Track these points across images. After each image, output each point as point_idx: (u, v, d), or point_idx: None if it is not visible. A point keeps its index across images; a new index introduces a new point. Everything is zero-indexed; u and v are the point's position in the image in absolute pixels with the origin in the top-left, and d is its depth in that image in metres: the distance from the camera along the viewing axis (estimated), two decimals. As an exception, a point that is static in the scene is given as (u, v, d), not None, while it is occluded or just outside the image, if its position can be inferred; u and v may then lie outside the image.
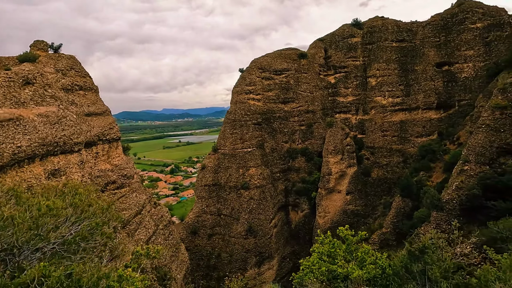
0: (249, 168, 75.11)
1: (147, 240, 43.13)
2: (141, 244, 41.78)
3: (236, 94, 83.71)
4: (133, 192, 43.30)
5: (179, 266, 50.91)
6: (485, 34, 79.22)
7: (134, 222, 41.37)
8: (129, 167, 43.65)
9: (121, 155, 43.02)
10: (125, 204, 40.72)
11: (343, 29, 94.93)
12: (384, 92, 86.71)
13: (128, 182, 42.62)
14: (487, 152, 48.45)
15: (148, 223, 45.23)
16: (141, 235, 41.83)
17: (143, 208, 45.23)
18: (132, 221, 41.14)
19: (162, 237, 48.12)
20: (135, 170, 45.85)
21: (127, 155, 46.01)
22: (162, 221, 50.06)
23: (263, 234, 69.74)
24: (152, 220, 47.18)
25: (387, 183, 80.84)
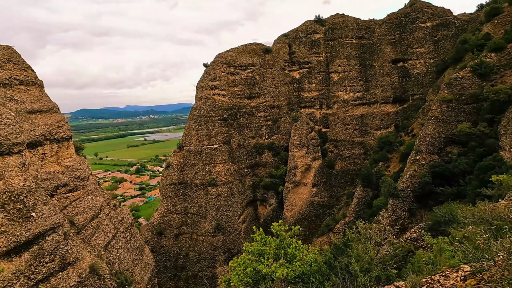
0: (216, 165, 74.10)
1: (106, 245, 40.69)
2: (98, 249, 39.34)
3: (200, 89, 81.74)
4: (88, 195, 40.43)
5: (143, 269, 48.89)
6: (434, 33, 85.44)
7: (90, 227, 38.72)
8: (83, 168, 40.61)
9: (73, 155, 39.81)
10: (79, 208, 37.90)
11: (306, 25, 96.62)
12: (346, 87, 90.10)
13: (82, 184, 39.66)
14: (436, 142, 52.45)
15: (107, 227, 42.65)
16: (98, 240, 39.28)
17: (100, 211, 42.47)
18: (88, 225, 38.48)
19: (123, 241, 45.74)
20: (90, 171, 42.79)
21: (81, 156, 42.75)
22: (123, 223, 47.53)
23: (232, 231, 69.44)
24: (112, 224, 44.58)
25: (350, 174, 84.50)
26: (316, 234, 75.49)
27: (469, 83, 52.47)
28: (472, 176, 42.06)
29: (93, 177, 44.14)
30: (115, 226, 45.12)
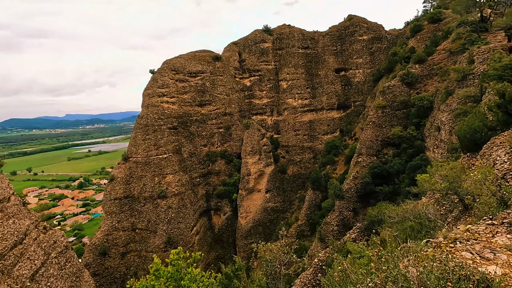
0: (166, 176, 70.69)
1: (33, 274, 35.72)
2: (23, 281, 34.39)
3: (147, 97, 77.76)
4: (8, 219, 35.17)
5: (81, 296, 43.99)
6: (370, 45, 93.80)
7: (11, 255, 33.60)
8: (1, 188, 35.29)
9: (-12, 174, 34.38)
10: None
11: (255, 34, 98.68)
12: (294, 95, 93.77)
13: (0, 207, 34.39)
14: (374, 145, 57.03)
15: (34, 253, 37.53)
16: (23, 270, 34.28)
17: (25, 236, 37.27)
18: (9, 254, 33.34)
19: (56, 267, 40.69)
20: (11, 191, 37.34)
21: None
22: (55, 248, 42.34)
23: (184, 244, 66.44)
24: (41, 249, 39.39)
25: (301, 178, 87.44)
26: (271, 239, 76.14)
27: (399, 91, 58.39)
28: (405, 175, 46.46)
29: (15, 197, 38.62)
30: (45, 252, 39.95)
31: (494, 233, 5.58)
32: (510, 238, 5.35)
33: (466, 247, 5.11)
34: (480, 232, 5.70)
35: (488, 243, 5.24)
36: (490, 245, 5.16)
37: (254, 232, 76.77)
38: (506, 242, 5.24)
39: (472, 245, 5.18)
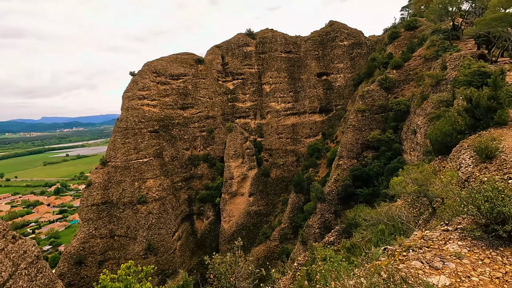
0: (146, 180, 68.95)
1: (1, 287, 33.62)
2: (-13, 295, 32.31)
3: (127, 99, 75.81)
4: (-28, 228, 33.07)
5: (54, 309, 41.84)
6: (350, 51, 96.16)
7: (-25, 268, 31.51)
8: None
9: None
10: (-42, 246, 30.58)
11: (238, 37, 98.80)
12: (277, 98, 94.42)
13: (-37, 216, 32.19)
14: (355, 148, 58.18)
15: (1, 265, 35.37)
16: (-12, 283, 32.21)
17: (-9, 246, 35.13)
18: (-29, 267, 31.25)
19: (26, 279, 38.55)
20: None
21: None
22: (25, 258, 40.13)
23: (165, 250, 64.89)
24: (9, 260, 37.22)
25: (284, 181, 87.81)
26: (254, 243, 75.85)
27: (378, 95, 60.02)
28: (383, 177, 47.58)
29: (-19, 205, 36.32)
30: (13, 263, 37.78)
31: (447, 240, 5.67)
32: (461, 245, 5.44)
33: (418, 256, 5.15)
34: (434, 238, 5.77)
35: (439, 251, 5.30)
36: (441, 253, 5.22)
37: (238, 236, 75.52)
38: (457, 249, 5.31)
39: (424, 253, 5.23)
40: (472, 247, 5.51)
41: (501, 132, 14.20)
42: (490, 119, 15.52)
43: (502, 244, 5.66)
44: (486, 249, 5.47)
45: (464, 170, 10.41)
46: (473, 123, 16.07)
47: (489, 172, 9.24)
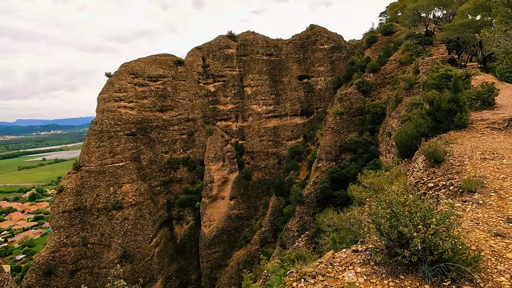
0: (122, 185, 66.59)
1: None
2: None
3: (103, 101, 73.22)
4: None
5: (15, 325, 39.11)
6: (331, 54, 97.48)
7: None
8: None
9: None
10: None
11: (219, 39, 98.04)
12: (259, 101, 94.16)
13: None
14: (333, 150, 58.55)
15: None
16: None
17: None
18: None
19: (-17, 293, 35.83)
20: None
21: None
22: (-17, 270, 37.37)
23: (142, 257, 62.70)
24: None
25: (266, 184, 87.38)
26: (235, 247, 74.78)
27: (356, 98, 60.83)
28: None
29: None
30: (-31, 276, 35.03)
31: (348, 265, 5.07)
32: (359, 273, 4.85)
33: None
34: (336, 263, 5.17)
35: (333, 281, 4.72)
36: (334, 284, 4.63)
37: (218, 241, 74.81)
38: (352, 279, 4.72)
39: (315, 284, 4.61)
40: (370, 275, 4.88)
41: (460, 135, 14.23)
42: (450, 121, 15.59)
43: (404, 271, 5.03)
44: (385, 278, 4.83)
45: (415, 174, 10.17)
46: (435, 125, 16.09)
47: (436, 177, 8.99)
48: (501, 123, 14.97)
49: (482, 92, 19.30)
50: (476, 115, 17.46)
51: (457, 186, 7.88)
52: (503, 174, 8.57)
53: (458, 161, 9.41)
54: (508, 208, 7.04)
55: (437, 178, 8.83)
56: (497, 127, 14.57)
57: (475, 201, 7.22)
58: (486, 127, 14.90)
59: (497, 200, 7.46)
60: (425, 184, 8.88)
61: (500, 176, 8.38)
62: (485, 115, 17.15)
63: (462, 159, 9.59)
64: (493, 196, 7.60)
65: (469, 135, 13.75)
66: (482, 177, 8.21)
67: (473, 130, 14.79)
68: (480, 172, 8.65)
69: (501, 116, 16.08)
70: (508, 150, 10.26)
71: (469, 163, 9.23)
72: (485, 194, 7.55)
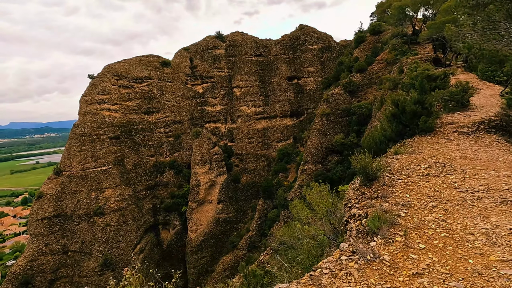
0: (105, 190, 64.66)
1: None
2: None
3: (85, 104, 71.27)
4: None
5: None
6: (320, 55, 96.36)
7: None
8: None
9: None
10: None
11: (207, 40, 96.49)
12: (248, 102, 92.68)
13: None
14: (320, 152, 57.21)
15: None
16: None
17: None
18: None
19: None
20: None
21: None
22: None
23: (124, 265, 60.64)
24: None
25: (255, 187, 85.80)
26: (223, 252, 73.07)
27: (342, 99, 59.60)
28: (345, 182, 46.62)
29: None
30: None
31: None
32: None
33: None
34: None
35: None
36: None
37: (206, 246, 73.06)
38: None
39: None
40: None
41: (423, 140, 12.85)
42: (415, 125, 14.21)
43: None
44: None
45: (348, 193, 8.69)
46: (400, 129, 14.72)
47: (363, 200, 7.48)
48: (470, 126, 13.64)
49: (455, 92, 18.00)
50: (448, 118, 16.12)
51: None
52: (436, 201, 7.03)
53: (391, 180, 7.96)
54: (403, 269, 5.18)
55: (363, 201, 7.32)
56: (465, 131, 13.23)
57: (363, 255, 5.34)
58: (454, 131, 13.55)
59: (398, 252, 5.63)
60: (351, 208, 7.41)
61: (429, 204, 6.83)
62: (457, 117, 15.81)
63: (398, 177, 8.13)
64: (396, 243, 5.84)
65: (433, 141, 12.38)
66: (405, 205, 6.63)
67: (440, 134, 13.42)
68: (408, 196, 7.10)
69: (472, 119, 14.74)
70: (465, 161, 8.89)
71: (403, 183, 7.74)
72: (387, 238, 5.92)
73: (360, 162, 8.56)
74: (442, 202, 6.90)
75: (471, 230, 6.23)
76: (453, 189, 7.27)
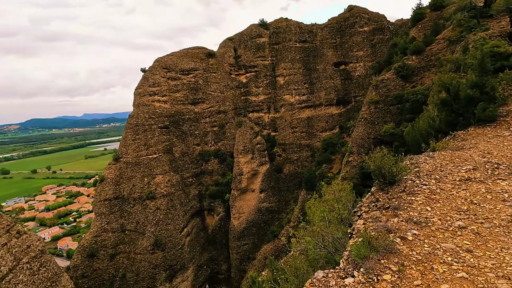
0: (155, 176, 69.68)
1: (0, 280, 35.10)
2: (-17, 288, 33.68)
3: (138, 96, 76.86)
4: (-29, 224, 34.69)
5: (56, 301, 43.38)
6: (371, 37, 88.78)
7: (-28, 262, 33.03)
8: (-36, 194, 34.77)
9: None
10: (-45, 241, 32.16)
11: (251, 29, 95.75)
12: (292, 91, 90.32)
13: (-38, 213, 33.89)
14: (366, 143, 53.26)
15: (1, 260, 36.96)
16: (-15, 277, 33.68)
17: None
18: (-31, 261, 32.77)
19: (27, 272, 40.11)
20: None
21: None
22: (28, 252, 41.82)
23: (173, 246, 65.36)
24: (11, 254, 38.85)
25: (298, 177, 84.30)
26: (265, 240, 73.90)
27: (394, 84, 54.13)
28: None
29: (-17, 202, 38.12)
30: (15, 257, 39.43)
31: None
32: None
33: None
34: None
35: None
36: None
37: (248, 233, 74.70)
38: None
39: None
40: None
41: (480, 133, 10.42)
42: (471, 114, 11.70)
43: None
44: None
45: (364, 199, 7.09)
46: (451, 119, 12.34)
47: (373, 209, 5.85)
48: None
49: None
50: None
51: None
52: (467, 219, 5.04)
53: (414, 185, 6.25)
54: None
55: (373, 211, 5.76)
56: (539, 122, 10.43)
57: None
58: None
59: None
60: (359, 218, 5.99)
61: (455, 224, 4.94)
62: (531, 104, 12.65)
63: (425, 181, 6.32)
64: (382, 284, 4.09)
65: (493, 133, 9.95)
66: (419, 222, 4.80)
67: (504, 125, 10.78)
68: (429, 210, 5.26)
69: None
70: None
71: (428, 190, 5.88)
72: (372, 275, 4.19)
73: (375, 162, 7.11)
74: (475, 221, 4.96)
75: (507, 272, 4.04)
76: (500, 201, 5.24)
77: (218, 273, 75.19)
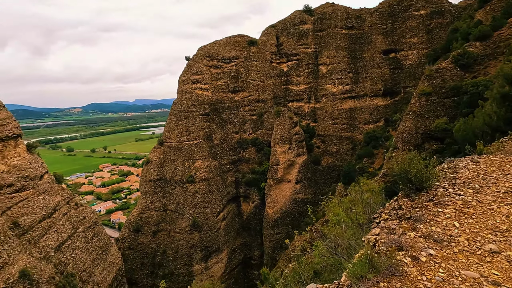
0: (195, 161, 72.84)
1: (59, 245, 40.18)
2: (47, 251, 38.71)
3: (182, 83, 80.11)
4: (39, 195, 39.83)
5: (106, 269, 48.45)
6: (428, 21, 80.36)
7: (39, 228, 38.16)
8: (34, 167, 39.97)
9: (22, 154, 39.13)
10: (27, 208, 37.31)
11: (294, 15, 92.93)
12: (334, 80, 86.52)
13: (32, 184, 39.05)
14: (413, 138, 49.21)
15: (62, 227, 42.11)
16: (49, 241, 38.72)
17: (55, 211, 41.93)
18: (37, 226, 37.91)
19: (82, 240, 45.24)
20: (44, 170, 42.15)
21: (34, 154, 42.05)
22: (84, 223, 47.05)
23: (209, 228, 68.42)
24: (69, 223, 44.06)
25: (336, 170, 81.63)
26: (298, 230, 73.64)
27: (451, 74, 48.67)
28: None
29: (48, 175, 43.50)
30: (73, 226, 44.59)
31: None
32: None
33: None
34: None
35: None
36: None
37: (281, 223, 75.03)
38: None
39: None
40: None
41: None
42: (539, 112, 9.90)
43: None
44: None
45: (387, 203, 6.27)
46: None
47: (394, 217, 5.04)
48: None
49: None
50: None
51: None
52: (503, 241, 4.06)
53: (446, 193, 5.28)
54: None
55: (392, 220, 4.98)
56: None
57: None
58: None
59: None
60: (377, 225, 5.26)
61: (486, 246, 3.91)
62: None
63: (460, 190, 5.28)
64: None
65: None
66: (440, 240, 3.91)
67: None
68: (458, 226, 4.25)
69: None
70: None
71: (461, 201, 4.88)
72: None
73: (400, 165, 6.26)
74: (503, 236, 4.03)
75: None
76: (554, 222, 4.24)
77: (251, 259, 77.28)
